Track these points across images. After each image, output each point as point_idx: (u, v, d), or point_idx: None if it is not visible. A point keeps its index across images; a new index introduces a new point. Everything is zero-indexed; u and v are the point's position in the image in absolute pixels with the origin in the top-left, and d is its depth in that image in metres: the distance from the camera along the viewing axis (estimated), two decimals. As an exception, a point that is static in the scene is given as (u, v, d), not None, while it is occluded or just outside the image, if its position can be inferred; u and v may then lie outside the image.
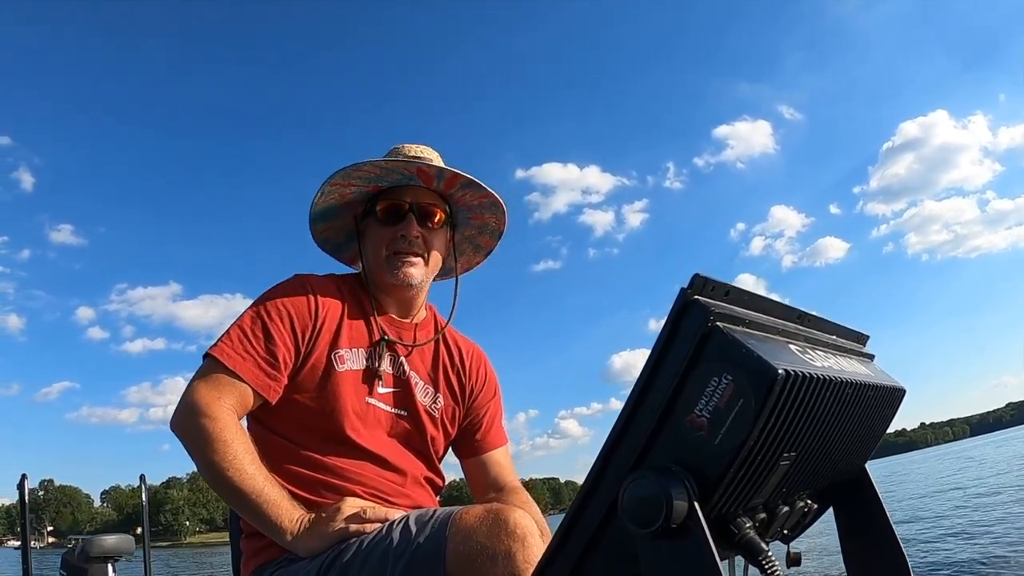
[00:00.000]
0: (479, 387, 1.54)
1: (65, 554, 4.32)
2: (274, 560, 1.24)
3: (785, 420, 0.66)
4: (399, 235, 1.39)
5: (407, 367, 1.42)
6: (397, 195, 1.40)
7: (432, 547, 1.06)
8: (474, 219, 1.53)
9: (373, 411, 1.36)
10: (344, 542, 1.16)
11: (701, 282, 0.67)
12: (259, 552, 1.27)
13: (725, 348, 0.64)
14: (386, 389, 1.38)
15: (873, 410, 0.88)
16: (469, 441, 1.55)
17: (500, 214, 1.52)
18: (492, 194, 1.46)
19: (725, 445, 0.63)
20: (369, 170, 1.37)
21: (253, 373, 1.26)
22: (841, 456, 0.86)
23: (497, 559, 1.00)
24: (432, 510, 1.16)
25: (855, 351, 0.95)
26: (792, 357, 0.70)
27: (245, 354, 1.26)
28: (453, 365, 1.51)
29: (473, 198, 1.47)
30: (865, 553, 0.93)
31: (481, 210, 1.51)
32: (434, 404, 1.45)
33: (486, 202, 1.49)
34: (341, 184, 1.39)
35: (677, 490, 0.63)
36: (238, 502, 1.19)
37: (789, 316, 0.81)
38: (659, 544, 0.64)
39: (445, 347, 1.51)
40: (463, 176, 1.40)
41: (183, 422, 1.22)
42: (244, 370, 1.25)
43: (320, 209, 1.43)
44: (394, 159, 1.39)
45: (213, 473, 1.18)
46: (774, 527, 0.80)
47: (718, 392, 0.64)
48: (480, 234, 1.56)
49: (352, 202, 1.43)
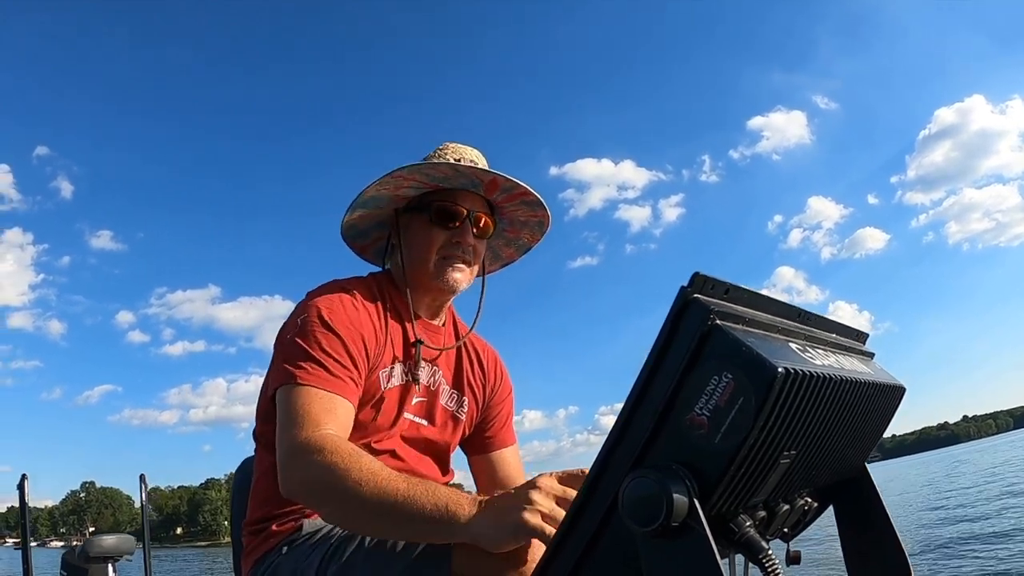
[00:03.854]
0: (497, 388, 1.54)
1: (65, 554, 4.32)
2: (272, 550, 1.23)
3: (785, 418, 0.66)
4: (454, 241, 1.35)
5: (440, 375, 1.41)
6: (455, 198, 1.36)
7: (438, 543, 1.05)
8: (509, 232, 1.50)
9: (407, 424, 1.35)
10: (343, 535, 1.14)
11: (701, 280, 0.67)
12: (259, 545, 1.26)
13: (725, 347, 0.64)
14: (419, 399, 1.37)
15: (873, 408, 0.88)
16: (480, 438, 1.54)
17: (539, 235, 1.50)
18: (546, 216, 1.44)
19: (725, 444, 0.63)
20: (444, 171, 1.33)
21: (354, 393, 1.20)
22: (841, 454, 0.86)
23: (502, 557, 0.99)
24: None
25: (855, 349, 0.95)
26: (792, 355, 0.70)
27: (341, 375, 1.18)
28: (474, 370, 1.49)
29: (523, 214, 1.45)
30: (865, 551, 0.93)
31: (522, 226, 1.49)
32: (460, 409, 1.44)
33: (533, 221, 1.47)
34: (403, 177, 1.33)
35: (677, 489, 0.63)
36: (395, 512, 0.99)
37: (789, 314, 0.81)
38: (659, 543, 0.64)
39: (467, 351, 1.49)
40: (531, 194, 1.38)
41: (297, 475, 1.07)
42: (347, 392, 1.18)
43: (369, 197, 1.37)
44: (472, 167, 1.34)
45: (354, 503, 1.01)
46: (774, 525, 0.80)
47: (718, 391, 0.63)
48: (507, 245, 1.54)
49: (402, 196, 1.38)
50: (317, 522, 1.23)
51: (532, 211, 1.43)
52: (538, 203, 1.41)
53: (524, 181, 1.36)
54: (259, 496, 1.31)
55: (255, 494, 1.33)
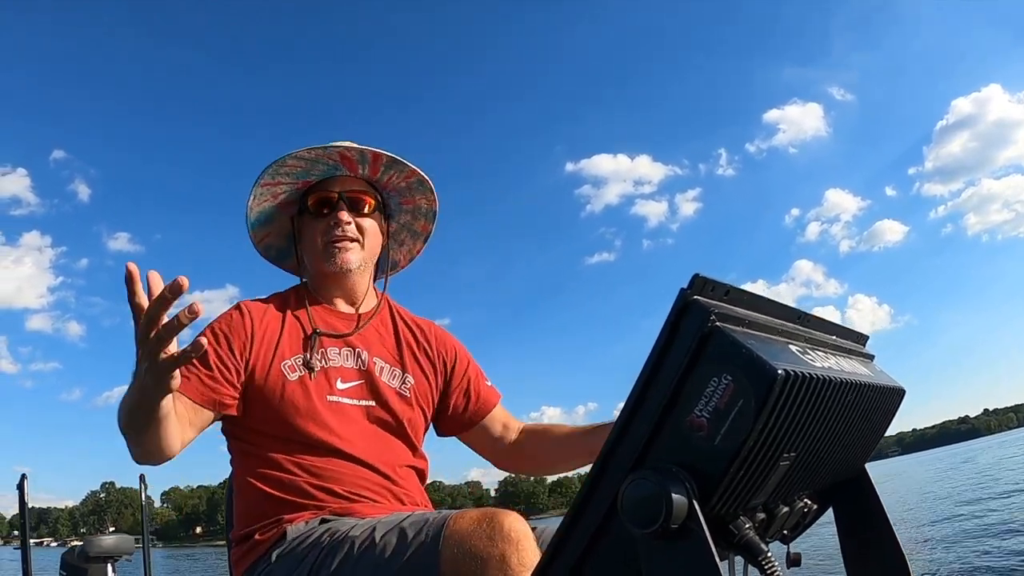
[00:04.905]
0: (450, 358, 1.56)
1: (65, 554, 4.32)
2: (261, 558, 1.24)
3: (785, 420, 0.66)
4: (331, 224, 1.41)
5: (366, 355, 1.42)
6: (326, 187, 1.43)
7: (426, 551, 1.05)
8: (405, 203, 1.55)
9: (340, 408, 1.36)
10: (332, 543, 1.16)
11: (701, 282, 0.67)
12: (246, 554, 1.28)
13: (725, 348, 0.64)
14: (348, 383, 1.39)
15: (873, 410, 0.88)
16: (465, 414, 1.56)
17: (429, 192, 1.53)
18: (417, 171, 1.48)
19: (725, 445, 0.63)
20: (293, 164, 1.40)
21: (196, 389, 1.27)
22: (841, 456, 0.86)
23: (491, 563, 0.99)
24: (427, 515, 1.15)
25: (855, 351, 0.95)
26: (792, 357, 0.70)
27: (188, 375, 1.27)
28: (419, 344, 1.52)
29: (400, 179, 1.49)
30: (865, 553, 0.93)
31: (411, 192, 1.52)
32: (403, 385, 1.45)
33: (413, 182, 1.50)
34: (271, 184, 1.42)
35: (677, 490, 0.63)
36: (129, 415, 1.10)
37: (789, 316, 0.81)
38: (659, 544, 0.64)
39: (406, 327, 1.53)
40: (384, 155, 1.42)
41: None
42: (187, 388, 1.26)
43: (256, 214, 1.46)
44: (313, 147, 1.40)
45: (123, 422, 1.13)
46: (774, 527, 0.80)
47: (718, 392, 0.63)
48: (415, 219, 1.58)
49: (286, 203, 1.46)
50: (301, 527, 1.25)
51: (403, 173, 1.48)
52: (396, 161, 1.44)
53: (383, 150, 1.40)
54: (239, 507, 1.35)
55: (236, 506, 1.36)
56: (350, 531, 1.16)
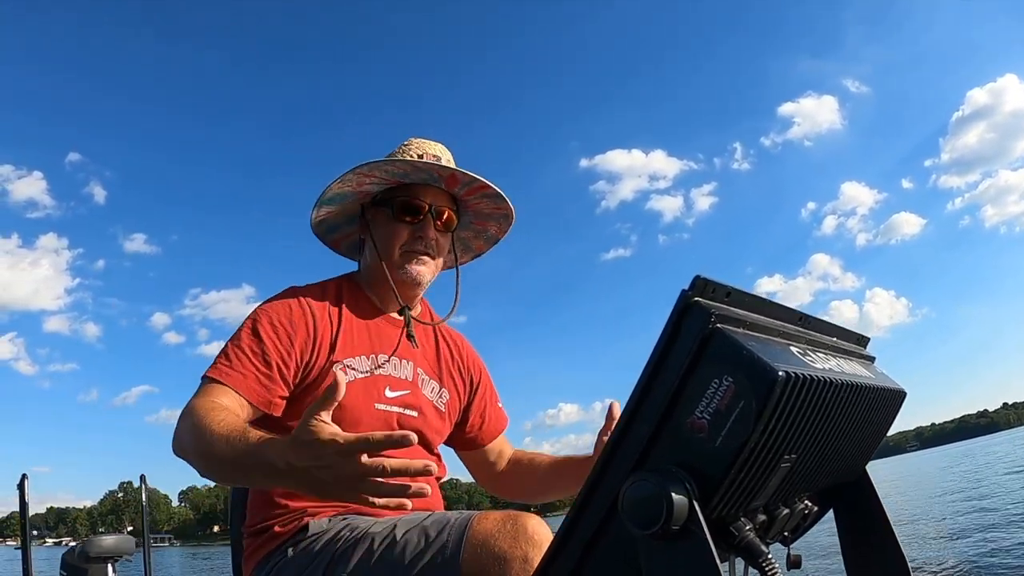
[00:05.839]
0: (476, 377, 1.57)
1: (65, 554, 4.31)
2: (275, 551, 1.23)
3: (786, 422, 0.66)
4: (416, 235, 1.39)
5: (413, 366, 1.42)
6: (416, 193, 1.40)
7: (448, 551, 1.06)
8: (477, 224, 1.54)
9: (383, 416, 1.35)
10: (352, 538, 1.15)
11: (702, 284, 0.67)
12: (261, 547, 1.27)
13: (726, 350, 0.64)
14: (395, 393, 1.38)
15: (874, 412, 0.88)
16: (474, 434, 1.57)
17: (506, 227, 1.54)
18: (509, 209, 1.47)
19: (725, 447, 0.63)
20: (400, 167, 1.37)
21: (253, 389, 1.23)
22: (842, 458, 0.86)
23: (514, 564, 1.00)
24: (448, 514, 1.15)
25: (856, 353, 0.95)
26: (793, 359, 0.70)
27: (245, 371, 1.23)
28: (454, 359, 1.53)
29: (487, 207, 1.48)
30: (865, 555, 0.93)
31: (488, 218, 1.52)
32: (440, 399, 1.46)
33: (498, 213, 1.50)
34: (364, 174, 1.38)
35: (677, 492, 0.63)
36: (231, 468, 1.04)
37: (790, 318, 0.81)
38: (659, 546, 0.64)
39: (444, 342, 1.53)
40: (490, 188, 1.41)
41: (179, 439, 1.13)
42: (244, 387, 1.22)
43: (332, 194, 1.41)
44: (430, 163, 1.37)
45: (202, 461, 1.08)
46: (774, 529, 0.80)
47: (719, 394, 0.64)
48: (476, 237, 1.57)
49: (366, 192, 1.43)
50: (323, 522, 1.24)
51: (495, 204, 1.47)
52: (498, 196, 1.44)
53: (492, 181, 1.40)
54: (257, 501, 1.32)
55: (254, 499, 1.34)
56: (371, 528, 1.16)
